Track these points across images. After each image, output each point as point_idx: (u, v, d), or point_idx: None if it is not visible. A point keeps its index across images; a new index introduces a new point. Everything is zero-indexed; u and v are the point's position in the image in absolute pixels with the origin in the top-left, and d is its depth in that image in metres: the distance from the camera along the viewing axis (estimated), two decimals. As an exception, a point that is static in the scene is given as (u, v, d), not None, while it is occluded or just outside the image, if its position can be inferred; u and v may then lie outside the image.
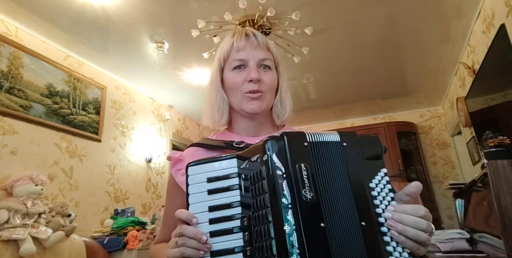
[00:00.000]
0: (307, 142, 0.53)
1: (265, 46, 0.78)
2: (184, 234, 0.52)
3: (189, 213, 0.54)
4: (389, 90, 4.20)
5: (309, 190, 0.48)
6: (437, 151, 4.82)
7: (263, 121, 0.80)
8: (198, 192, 0.56)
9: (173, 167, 0.76)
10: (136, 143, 3.62)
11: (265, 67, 0.76)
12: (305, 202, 0.48)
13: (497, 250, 1.54)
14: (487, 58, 2.40)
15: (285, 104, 0.81)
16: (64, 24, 2.51)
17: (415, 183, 0.52)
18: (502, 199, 1.37)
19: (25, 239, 1.79)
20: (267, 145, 0.52)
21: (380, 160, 0.55)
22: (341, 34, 2.82)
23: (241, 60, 0.75)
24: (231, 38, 0.78)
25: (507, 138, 1.72)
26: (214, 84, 0.79)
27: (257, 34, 0.78)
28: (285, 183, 0.49)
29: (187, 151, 0.78)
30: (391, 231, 0.48)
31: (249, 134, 0.79)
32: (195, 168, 0.58)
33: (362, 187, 0.52)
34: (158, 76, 3.46)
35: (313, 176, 0.50)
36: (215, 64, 0.81)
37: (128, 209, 2.97)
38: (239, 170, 0.57)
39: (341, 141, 0.55)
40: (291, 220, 0.46)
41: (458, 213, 2.38)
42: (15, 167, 2.25)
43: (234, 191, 0.56)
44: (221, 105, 0.78)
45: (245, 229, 0.53)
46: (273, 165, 0.50)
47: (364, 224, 0.49)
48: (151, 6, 2.34)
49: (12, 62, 2.35)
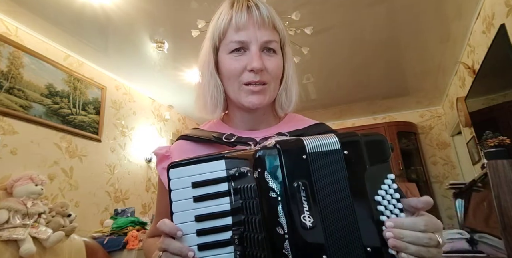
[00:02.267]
0: (305, 154, 0.45)
1: (271, 23, 0.63)
2: (168, 250, 0.47)
3: (173, 225, 0.48)
4: (389, 90, 4.20)
5: (308, 215, 0.42)
6: (437, 151, 4.82)
7: (264, 112, 0.69)
8: (182, 198, 0.50)
9: (158, 164, 0.69)
10: (136, 143, 3.62)
11: (270, 51, 0.63)
12: (305, 230, 0.41)
13: (497, 250, 1.54)
14: (487, 58, 2.40)
15: (291, 93, 0.69)
16: (64, 24, 2.51)
17: (425, 198, 0.45)
18: (502, 199, 1.37)
19: (25, 239, 1.79)
20: (259, 159, 0.45)
21: (387, 163, 0.47)
22: (341, 34, 2.82)
23: (240, 42, 0.62)
24: (229, 9, 0.64)
25: (507, 138, 1.72)
26: (207, 68, 0.66)
27: (260, 6, 0.63)
28: (280, 208, 0.42)
29: (175, 145, 0.70)
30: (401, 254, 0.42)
31: (246, 127, 0.70)
32: (178, 171, 0.51)
33: (366, 203, 0.44)
34: (158, 76, 3.46)
35: (314, 197, 0.43)
36: (208, 42, 0.67)
37: (128, 209, 2.97)
38: (227, 173, 0.50)
39: (342, 148, 0.46)
40: (289, 254, 0.40)
41: (458, 213, 2.38)
42: (15, 167, 2.25)
43: (223, 198, 0.49)
44: (214, 94, 0.66)
45: (236, 247, 0.47)
46: (265, 185, 0.43)
47: (369, 250, 0.42)
48: (151, 6, 2.34)
49: (12, 62, 2.35)
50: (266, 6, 0.64)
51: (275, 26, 0.65)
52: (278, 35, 0.65)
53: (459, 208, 2.37)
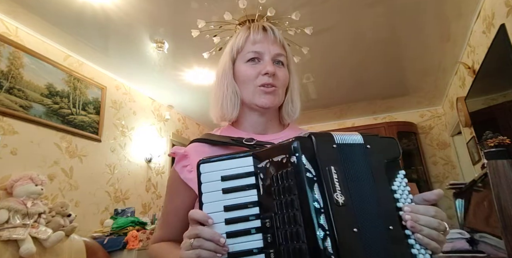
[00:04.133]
0: (335, 144, 0.51)
1: (281, 43, 0.77)
2: (201, 235, 0.50)
3: (204, 213, 0.52)
4: (390, 90, 4.20)
5: (340, 194, 0.47)
6: (437, 151, 4.82)
7: (271, 118, 0.78)
8: (212, 190, 0.54)
9: (177, 163, 0.73)
10: (136, 143, 3.62)
11: (279, 63, 0.75)
12: (338, 206, 0.46)
13: (497, 250, 1.54)
14: (487, 58, 2.40)
15: (296, 103, 0.79)
16: (64, 24, 2.51)
17: (437, 190, 0.52)
18: (502, 199, 1.37)
19: (25, 239, 1.79)
20: (295, 146, 0.50)
21: (398, 161, 0.55)
22: (341, 34, 2.82)
23: (256, 52, 0.74)
24: (247, 30, 0.77)
25: (507, 138, 1.72)
26: (226, 76, 0.76)
27: (274, 29, 0.77)
28: (316, 186, 0.47)
29: (190, 147, 0.74)
30: (416, 235, 0.48)
31: (256, 131, 0.77)
32: (208, 166, 0.55)
33: (387, 190, 0.51)
34: (158, 76, 3.46)
35: (343, 179, 0.49)
36: (226, 56, 0.78)
37: (128, 209, 2.97)
38: (255, 168, 0.55)
39: (364, 143, 0.53)
40: (324, 225, 0.45)
41: (458, 213, 2.38)
42: (15, 167, 2.25)
43: (251, 190, 0.54)
44: (233, 98, 0.75)
45: (267, 230, 0.51)
46: (302, 167, 0.48)
47: (391, 227, 0.48)
48: (151, 6, 2.34)
49: (12, 62, 2.35)
50: (278, 31, 0.78)
51: (284, 46, 0.78)
52: (285, 53, 0.78)
53: (459, 208, 2.37)
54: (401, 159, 0.55)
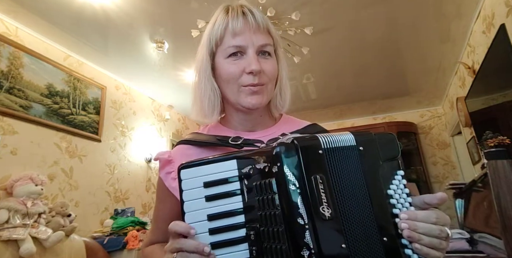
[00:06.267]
0: (321, 149, 0.47)
1: (265, 28, 0.66)
2: (184, 249, 0.47)
3: (185, 225, 0.48)
4: (389, 90, 4.20)
5: (327, 206, 0.43)
6: (437, 151, 4.82)
7: (261, 113, 0.71)
8: (194, 198, 0.50)
9: (161, 169, 0.68)
10: (136, 143, 3.61)
11: (265, 54, 0.65)
12: (324, 221, 0.43)
13: (497, 251, 1.54)
14: (487, 58, 2.40)
15: (285, 94, 0.72)
16: (64, 24, 2.51)
17: (440, 194, 0.47)
18: (502, 199, 1.37)
19: (25, 239, 1.79)
20: (277, 154, 0.46)
21: (397, 160, 0.50)
22: (341, 34, 2.82)
23: (238, 46, 0.64)
24: (225, 16, 0.66)
25: (507, 138, 1.72)
26: (204, 72, 0.68)
27: (255, 12, 0.66)
28: (300, 200, 0.44)
29: (176, 150, 0.70)
30: (414, 245, 0.44)
31: (245, 128, 0.71)
32: (189, 171, 0.51)
33: (381, 196, 0.47)
34: (158, 76, 3.46)
35: (330, 189, 0.45)
36: (204, 47, 0.68)
37: (128, 209, 2.97)
38: (239, 172, 0.51)
39: (357, 144, 0.49)
40: (309, 243, 0.42)
41: (458, 213, 2.38)
42: (15, 167, 2.25)
43: (236, 196, 0.50)
44: (211, 98, 0.67)
45: (252, 243, 0.48)
46: (285, 178, 0.45)
47: (385, 239, 0.45)
48: (151, 6, 2.34)
49: (12, 62, 2.35)
50: (260, 12, 0.67)
51: (269, 31, 0.67)
52: (272, 39, 0.68)
53: (459, 208, 2.37)
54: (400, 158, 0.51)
